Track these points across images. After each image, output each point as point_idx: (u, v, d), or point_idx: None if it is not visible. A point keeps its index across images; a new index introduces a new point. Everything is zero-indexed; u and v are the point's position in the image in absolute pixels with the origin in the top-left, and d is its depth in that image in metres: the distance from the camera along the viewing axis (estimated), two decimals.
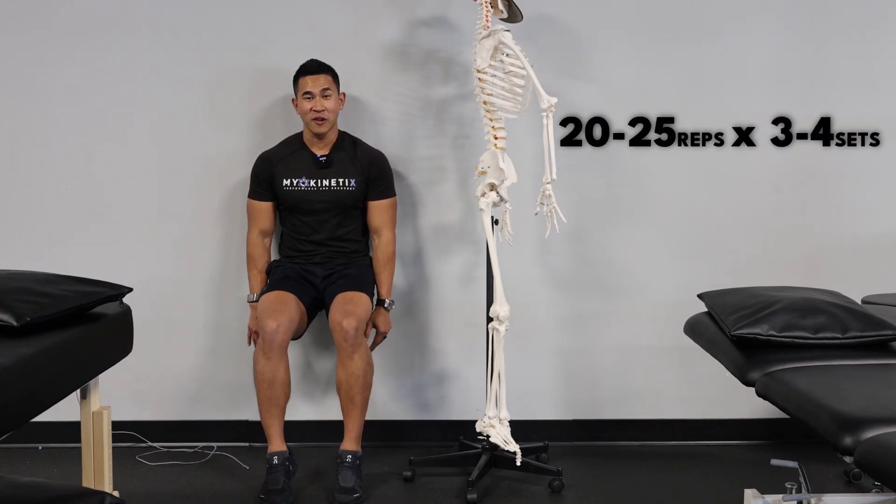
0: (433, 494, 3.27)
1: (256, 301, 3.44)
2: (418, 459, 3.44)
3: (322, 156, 3.44)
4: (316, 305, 3.44)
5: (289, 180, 3.42)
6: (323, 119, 3.36)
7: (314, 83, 3.35)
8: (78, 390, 2.52)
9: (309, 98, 3.36)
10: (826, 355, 2.38)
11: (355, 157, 3.45)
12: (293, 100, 3.44)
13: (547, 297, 3.76)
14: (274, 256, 3.58)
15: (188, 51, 3.65)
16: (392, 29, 3.65)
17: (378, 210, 3.48)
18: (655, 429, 3.81)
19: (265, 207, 3.48)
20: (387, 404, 3.78)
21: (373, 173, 3.45)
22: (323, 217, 3.43)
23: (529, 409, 3.71)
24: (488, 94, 3.17)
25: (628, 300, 3.76)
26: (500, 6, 3.22)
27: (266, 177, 3.45)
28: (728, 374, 2.51)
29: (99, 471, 2.66)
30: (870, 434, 1.84)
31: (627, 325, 3.77)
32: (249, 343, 3.49)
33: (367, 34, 3.66)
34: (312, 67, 3.38)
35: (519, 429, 3.28)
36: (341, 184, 3.42)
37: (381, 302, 3.49)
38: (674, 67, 3.69)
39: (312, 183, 3.42)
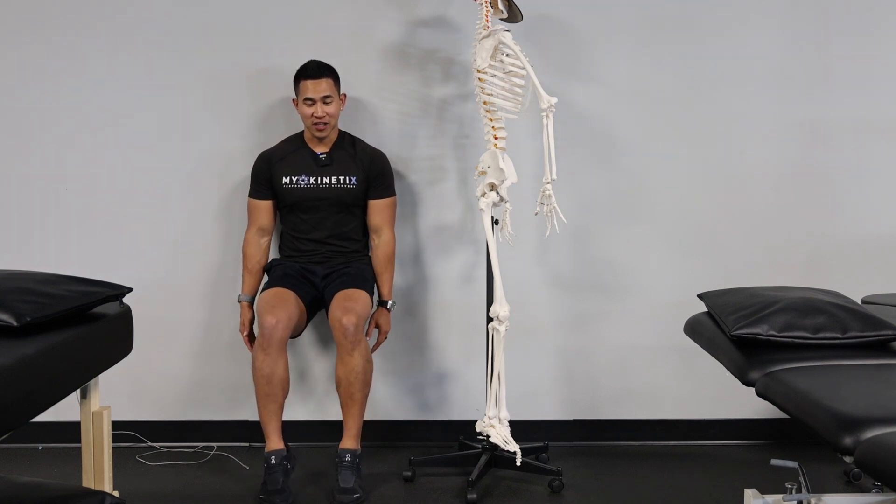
0: (433, 494, 3.27)
1: (247, 302, 3.45)
2: (418, 459, 3.44)
3: (322, 154, 3.44)
4: (315, 305, 3.44)
5: (289, 178, 3.42)
6: (324, 124, 3.36)
7: (315, 89, 3.33)
8: (78, 390, 2.52)
9: (310, 104, 3.35)
10: (826, 355, 2.38)
11: (356, 155, 3.45)
12: (293, 99, 3.44)
13: (547, 297, 3.76)
14: (274, 255, 3.58)
15: (188, 50, 3.65)
16: (392, 29, 3.65)
17: (378, 209, 3.48)
18: (655, 429, 3.81)
19: (265, 206, 3.48)
20: (387, 404, 3.78)
21: (373, 172, 3.45)
22: (323, 215, 3.43)
23: (529, 409, 3.71)
24: (488, 94, 3.16)
25: (628, 300, 3.76)
26: (500, 6, 3.22)
27: (266, 175, 3.45)
28: (728, 374, 2.51)
29: (99, 471, 2.66)
30: (870, 434, 1.84)
31: (627, 325, 3.77)
32: (250, 347, 3.37)
33: (367, 34, 3.66)
34: (313, 71, 3.34)
35: (519, 429, 3.28)
36: (342, 181, 3.42)
37: (383, 303, 3.49)
38: (674, 67, 3.69)
39: (313, 181, 3.42)
